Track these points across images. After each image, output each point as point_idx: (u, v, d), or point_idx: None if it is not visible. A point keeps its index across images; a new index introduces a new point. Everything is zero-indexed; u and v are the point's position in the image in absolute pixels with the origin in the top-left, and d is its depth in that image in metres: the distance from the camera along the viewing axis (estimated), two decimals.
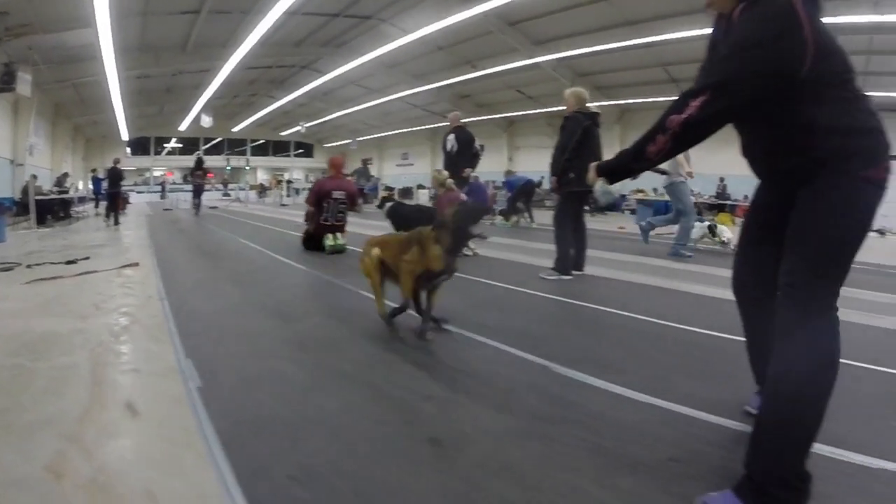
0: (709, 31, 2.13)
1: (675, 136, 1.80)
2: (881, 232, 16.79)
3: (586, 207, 6.21)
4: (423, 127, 30.39)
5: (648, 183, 18.55)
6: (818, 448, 1.75)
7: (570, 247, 5.78)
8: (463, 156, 8.42)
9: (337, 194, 7.37)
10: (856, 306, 4.65)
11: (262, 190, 31.01)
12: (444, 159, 8.55)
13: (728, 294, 2.29)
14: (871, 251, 11.15)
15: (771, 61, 1.70)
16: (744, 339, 2.31)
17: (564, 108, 5.81)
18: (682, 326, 3.92)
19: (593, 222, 15.29)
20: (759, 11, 1.75)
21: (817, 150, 1.76)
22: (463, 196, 7.23)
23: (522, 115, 25.83)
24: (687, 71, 16.81)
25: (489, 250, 7.47)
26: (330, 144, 40.02)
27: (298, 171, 40.31)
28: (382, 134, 35.35)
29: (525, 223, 13.46)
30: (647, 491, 1.77)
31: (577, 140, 5.53)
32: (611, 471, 1.89)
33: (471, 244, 7.16)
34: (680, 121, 1.77)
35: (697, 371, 2.99)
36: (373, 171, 35.00)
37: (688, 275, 6.21)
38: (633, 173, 2.08)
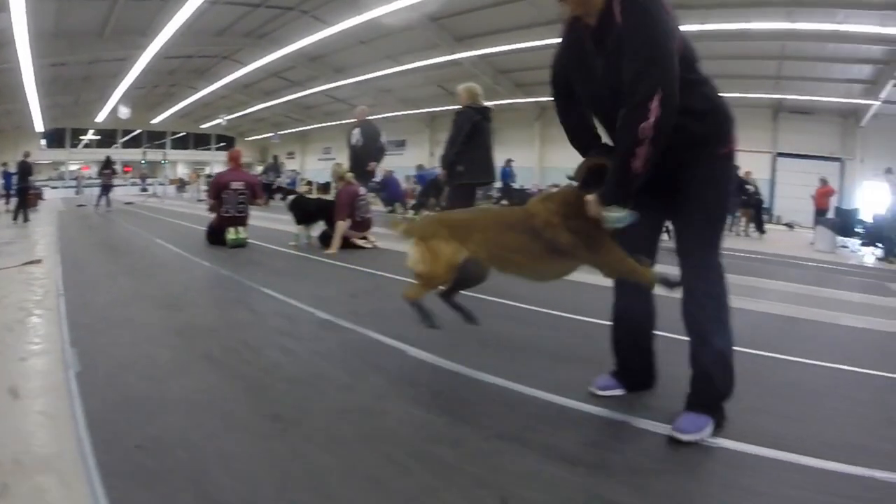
0: None
1: (653, 139, 1.92)
2: (790, 226, 17.89)
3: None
4: (344, 121, 30.14)
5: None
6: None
7: None
8: (368, 150, 8.52)
9: (235, 185, 7.44)
10: (762, 295, 5.09)
11: (181, 184, 30.25)
12: (349, 154, 8.66)
13: (603, 281, 2.51)
14: (780, 244, 11.95)
15: (675, 49, 1.95)
16: (608, 321, 2.57)
17: (483, 104, 6.08)
18: (551, 311, 4.17)
19: None
20: (642, 10, 1.95)
21: (688, 134, 2.08)
22: (362, 190, 7.46)
23: (444, 110, 25.92)
24: None
25: (390, 242, 7.63)
26: (252, 138, 39.41)
27: (220, 164, 39.38)
28: (305, 128, 35.06)
29: None
30: (461, 463, 1.94)
31: (465, 134, 5.73)
32: (432, 444, 2.07)
33: (370, 237, 7.44)
34: (651, 125, 1.90)
35: (553, 353, 3.24)
36: (295, 164, 34.63)
37: None
38: (634, 194, 2.09)
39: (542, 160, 24.07)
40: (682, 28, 2.06)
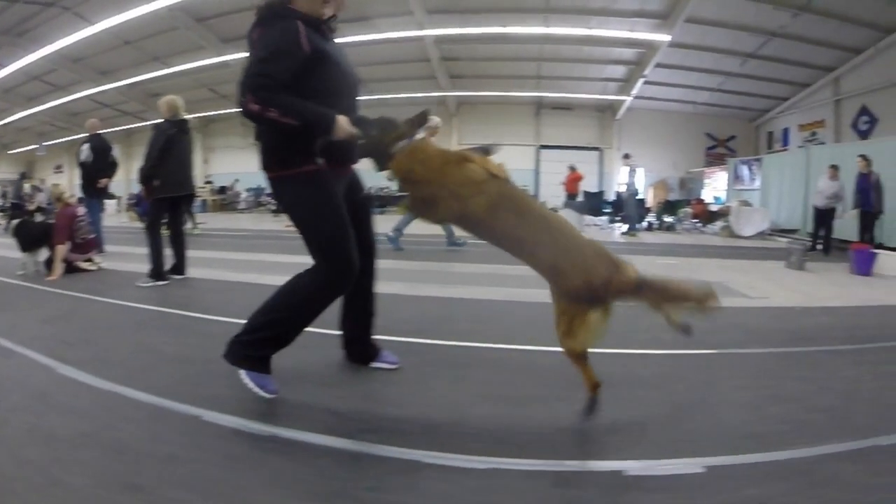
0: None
1: None
2: (553, 210, 19.86)
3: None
4: (115, 129, 27.44)
5: None
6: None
7: (162, 252, 6.09)
8: (99, 165, 8.30)
9: None
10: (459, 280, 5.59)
11: None
12: (80, 171, 8.37)
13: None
14: None
15: None
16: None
17: (181, 118, 6.09)
18: (220, 319, 4.38)
19: (268, 222, 16.00)
20: None
21: None
22: (81, 210, 7.24)
23: (218, 114, 25.33)
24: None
25: (119, 262, 7.60)
26: (15, 151, 34.66)
27: None
28: (73, 137, 31.26)
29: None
30: (43, 460, 2.21)
31: (160, 148, 5.82)
32: (29, 447, 2.33)
33: (97, 259, 7.28)
34: None
35: (189, 360, 3.53)
36: (63, 179, 31.83)
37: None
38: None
39: None
40: (445, 31, 2.63)
